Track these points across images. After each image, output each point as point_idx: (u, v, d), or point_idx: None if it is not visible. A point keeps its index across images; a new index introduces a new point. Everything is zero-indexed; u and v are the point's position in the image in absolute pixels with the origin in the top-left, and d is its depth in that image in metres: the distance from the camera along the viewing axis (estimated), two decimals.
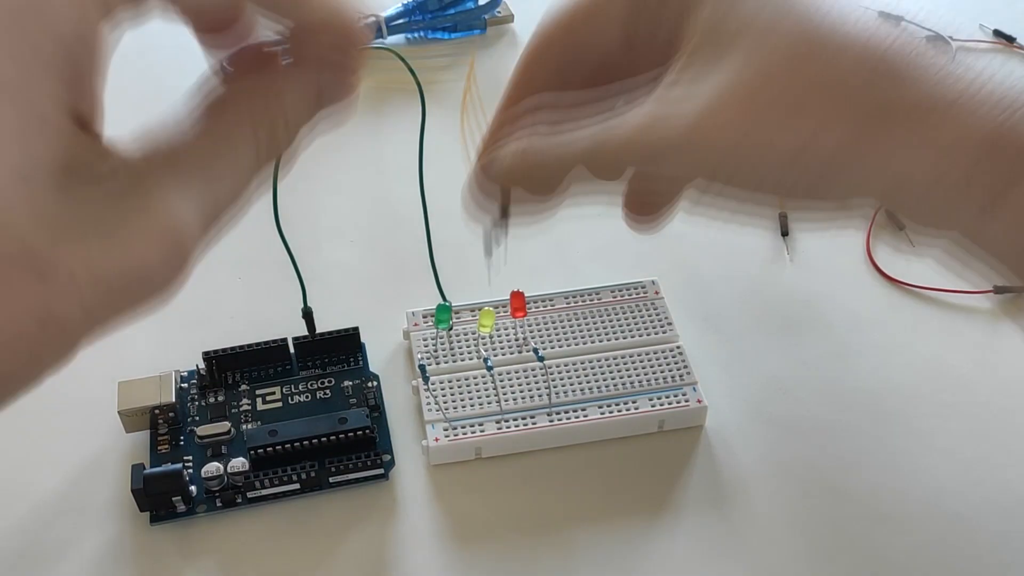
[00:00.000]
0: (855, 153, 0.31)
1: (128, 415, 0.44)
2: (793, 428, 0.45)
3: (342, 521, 0.42)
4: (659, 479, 0.43)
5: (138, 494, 0.41)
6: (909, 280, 0.50)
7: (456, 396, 0.44)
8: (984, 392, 0.46)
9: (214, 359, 0.45)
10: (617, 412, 0.44)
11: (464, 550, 0.41)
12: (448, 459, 0.43)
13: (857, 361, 0.48)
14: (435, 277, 0.45)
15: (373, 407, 0.45)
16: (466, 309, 0.47)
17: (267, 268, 0.52)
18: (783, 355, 0.48)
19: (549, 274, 0.52)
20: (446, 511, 0.42)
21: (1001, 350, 0.48)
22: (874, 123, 0.30)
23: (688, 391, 0.45)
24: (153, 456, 0.43)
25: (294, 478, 0.42)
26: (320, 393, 0.46)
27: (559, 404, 0.44)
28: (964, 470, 0.43)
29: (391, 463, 0.43)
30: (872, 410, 0.46)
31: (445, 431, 0.43)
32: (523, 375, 0.45)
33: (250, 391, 0.46)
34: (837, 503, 0.42)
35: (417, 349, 0.46)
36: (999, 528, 0.41)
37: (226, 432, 0.44)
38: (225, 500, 0.42)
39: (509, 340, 0.47)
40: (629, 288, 0.49)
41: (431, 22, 0.66)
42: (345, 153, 0.59)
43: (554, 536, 0.41)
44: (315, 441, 0.42)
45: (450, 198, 0.50)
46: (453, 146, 0.58)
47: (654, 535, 0.41)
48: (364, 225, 0.54)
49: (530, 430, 0.43)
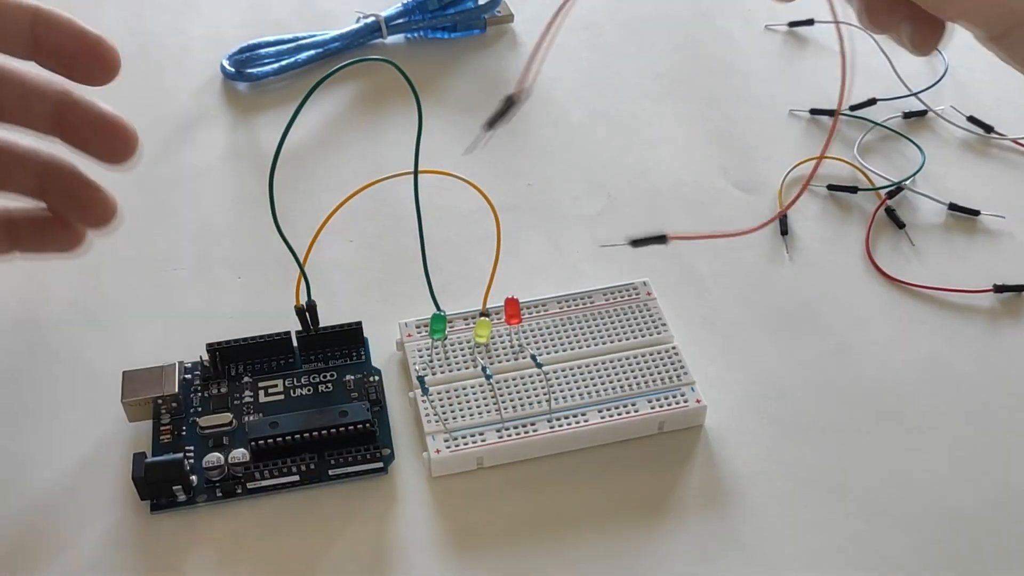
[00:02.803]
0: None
1: (131, 405, 0.44)
2: (793, 427, 0.45)
3: (341, 514, 0.42)
4: (659, 480, 0.43)
5: (139, 482, 0.41)
6: (909, 280, 0.51)
7: (455, 406, 0.44)
8: (984, 392, 0.46)
9: (217, 351, 0.46)
10: (617, 416, 0.44)
11: (463, 546, 0.41)
12: (450, 470, 0.43)
13: (857, 361, 0.48)
14: (429, 289, 0.45)
15: (374, 401, 0.45)
16: (459, 317, 0.47)
17: (267, 268, 0.52)
18: (782, 355, 0.48)
19: (547, 275, 0.52)
20: (445, 512, 0.42)
21: (1001, 350, 0.48)
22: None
23: (687, 391, 0.45)
24: (155, 445, 0.43)
25: (294, 470, 0.42)
26: (322, 386, 0.45)
27: (559, 410, 0.44)
28: (964, 469, 0.43)
29: (391, 457, 0.43)
30: (872, 410, 0.46)
31: (445, 442, 0.43)
32: (521, 382, 0.45)
33: (252, 383, 0.45)
34: (837, 503, 0.42)
35: (413, 360, 0.46)
36: (999, 527, 0.41)
37: (228, 423, 0.44)
38: (225, 490, 0.42)
39: (505, 347, 0.46)
40: (621, 290, 0.49)
41: (431, 22, 0.66)
42: (345, 153, 0.59)
43: (554, 540, 0.41)
44: (315, 434, 0.42)
45: (450, 198, 0.50)
46: (453, 146, 0.59)
47: (655, 536, 0.41)
48: (363, 225, 0.54)
49: (531, 438, 0.43)
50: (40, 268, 0.52)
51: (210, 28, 0.68)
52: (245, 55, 0.63)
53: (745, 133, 0.60)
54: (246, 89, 0.63)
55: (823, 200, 0.55)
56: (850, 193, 0.55)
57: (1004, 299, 0.50)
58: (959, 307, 0.50)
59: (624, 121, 0.61)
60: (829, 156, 0.57)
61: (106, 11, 0.69)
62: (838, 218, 0.54)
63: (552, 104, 0.62)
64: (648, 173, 0.58)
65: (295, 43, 0.64)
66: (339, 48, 0.65)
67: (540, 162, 0.58)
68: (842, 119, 0.59)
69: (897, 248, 0.52)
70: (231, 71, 0.63)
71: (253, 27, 0.67)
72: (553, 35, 0.36)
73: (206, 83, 0.64)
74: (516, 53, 0.66)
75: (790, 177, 0.56)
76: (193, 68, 0.65)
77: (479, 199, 0.45)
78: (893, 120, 0.59)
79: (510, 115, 0.39)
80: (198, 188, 0.57)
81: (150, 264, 0.52)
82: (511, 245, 0.47)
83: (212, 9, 0.70)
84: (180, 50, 0.67)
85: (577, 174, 0.58)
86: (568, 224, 0.55)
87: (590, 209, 0.56)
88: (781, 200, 0.55)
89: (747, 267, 0.52)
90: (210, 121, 0.61)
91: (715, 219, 0.55)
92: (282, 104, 0.62)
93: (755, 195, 0.56)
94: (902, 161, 0.57)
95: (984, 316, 0.49)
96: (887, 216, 0.54)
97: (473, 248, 0.52)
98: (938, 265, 0.52)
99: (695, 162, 0.58)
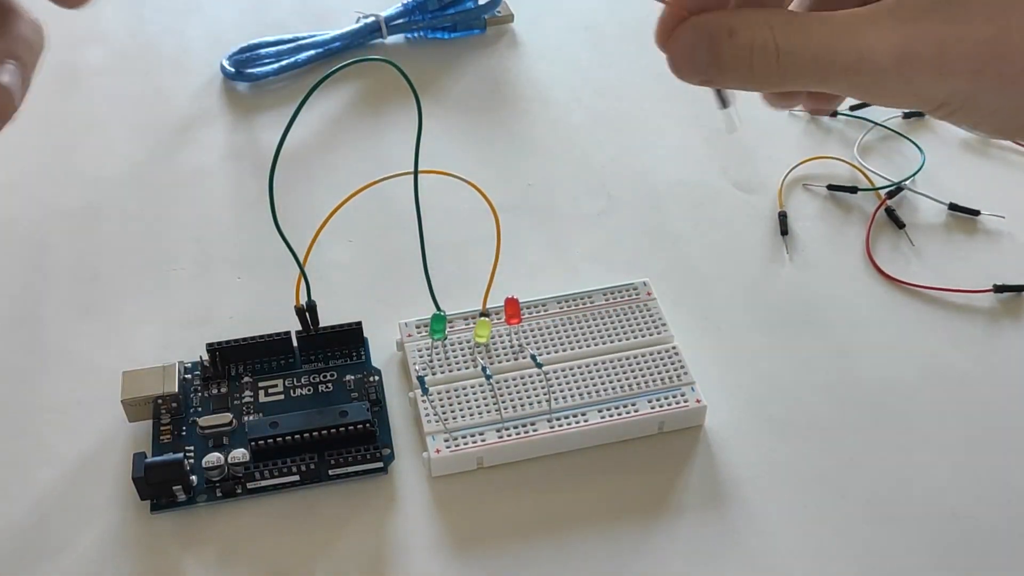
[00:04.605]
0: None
1: (131, 404, 0.44)
2: (793, 427, 0.45)
3: (341, 514, 0.42)
4: (659, 480, 0.43)
5: (139, 482, 0.41)
6: (909, 280, 0.51)
7: (455, 406, 0.44)
8: (984, 392, 0.46)
9: (217, 351, 0.46)
10: (617, 416, 0.44)
11: (463, 546, 0.41)
12: (450, 470, 0.43)
13: (857, 361, 0.48)
14: (429, 289, 0.45)
15: (374, 401, 0.45)
16: (459, 317, 0.47)
17: (267, 268, 0.52)
18: (783, 354, 0.48)
19: (547, 275, 0.52)
20: (445, 512, 0.42)
21: (1001, 350, 0.48)
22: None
23: (687, 391, 0.44)
24: (155, 445, 0.43)
25: (294, 470, 0.42)
26: (322, 386, 0.45)
27: (559, 410, 0.44)
28: (964, 469, 0.43)
29: (391, 457, 0.43)
30: (872, 410, 0.46)
31: (445, 441, 0.43)
32: (521, 382, 0.45)
33: (252, 383, 0.46)
34: (837, 503, 0.42)
35: (413, 360, 0.46)
36: (999, 527, 0.41)
37: (228, 423, 0.44)
38: (225, 490, 0.42)
39: (505, 347, 0.46)
40: (621, 290, 0.49)
41: (431, 22, 0.66)
42: (345, 153, 0.59)
43: (554, 540, 0.41)
44: (315, 434, 0.42)
45: (450, 198, 0.50)
46: (453, 146, 0.59)
47: (655, 536, 0.41)
48: (363, 225, 0.54)
49: (531, 437, 0.43)
50: (41, 268, 0.52)
51: (210, 28, 0.68)
52: (245, 55, 0.63)
53: (745, 133, 0.60)
54: (246, 89, 0.63)
55: (823, 200, 0.55)
56: (850, 193, 0.55)
57: (1004, 299, 0.50)
58: (959, 307, 0.50)
59: (624, 121, 0.61)
60: (829, 156, 0.57)
61: (106, 11, 0.69)
62: (838, 218, 0.54)
63: (552, 104, 0.62)
64: (648, 173, 0.58)
65: (295, 43, 0.64)
66: (339, 48, 0.65)
67: (540, 162, 0.58)
68: (842, 119, 0.59)
69: (897, 248, 0.52)
70: (231, 71, 0.63)
71: (253, 27, 0.67)
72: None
73: (206, 83, 0.64)
74: (516, 53, 0.66)
75: (790, 177, 0.56)
76: (193, 68, 0.65)
77: (479, 199, 0.45)
78: (893, 120, 0.59)
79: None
80: (198, 188, 0.57)
81: (150, 264, 0.52)
82: (511, 245, 0.47)
83: (212, 9, 0.70)
84: (180, 50, 0.67)
85: (577, 174, 0.58)
86: (568, 224, 0.55)
87: (590, 209, 0.56)
88: (781, 200, 0.55)
89: (747, 267, 0.52)
90: (210, 121, 0.61)
91: (715, 219, 0.55)
92: (282, 104, 0.62)
93: (755, 195, 0.56)
94: (902, 161, 0.57)
95: (984, 316, 0.49)
96: (887, 216, 0.54)
97: (473, 248, 0.52)
98: (938, 265, 0.51)
99: (695, 162, 0.58)
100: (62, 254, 0.53)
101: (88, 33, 0.68)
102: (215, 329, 0.48)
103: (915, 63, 0.31)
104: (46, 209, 0.56)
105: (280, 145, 0.40)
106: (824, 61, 0.31)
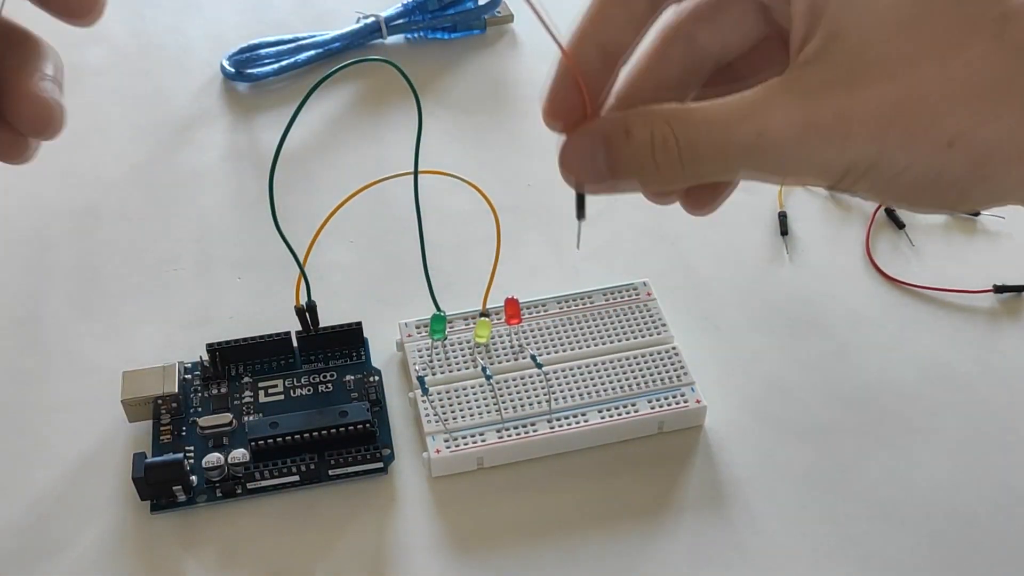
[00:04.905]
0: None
1: (131, 404, 0.44)
2: (793, 428, 0.45)
3: (341, 514, 0.42)
4: (659, 480, 0.43)
5: (139, 482, 0.41)
6: (909, 280, 0.51)
7: (455, 406, 0.44)
8: (984, 392, 0.46)
9: (217, 351, 0.46)
10: (617, 416, 0.44)
11: (463, 546, 0.41)
12: (450, 470, 0.43)
13: (857, 361, 0.48)
14: (429, 289, 0.45)
15: (374, 401, 0.45)
16: (459, 318, 0.47)
17: (267, 268, 0.52)
18: (783, 355, 0.48)
19: (547, 275, 0.52)
20: (445, 512, 0.42)
21: (1001, 350, 0.48)
22: None
23: (686, 391, 0.44)
24: (155, 446, 0.43)
25: (294, 470, 0.42)
26: (322, 387, 0.46)
27: (559, 410, 0.44)
28: (964, 469, 0.43)
29: (391, 457, 0.43)
30: (872, 410, 0.46)
31: (445, 442, 0.43)
32: (521, 382, 0.45)
33: (252, 383, 0.46)
34: (837, 503, 0.42)
35: (413, 360, 0.46)
36: (998, 527, 0.41)
37: (228, 423, 0.44)
38: (225, 491, 0.42)
39: (505, 347, 0.46)
40: (621, 290, 0.49)
41: (431, 22, 0.66)
42: (345, 153, 0.59)
43: (554, 540, 0.41)
44: (315, 434, 0.42)
45: (450, 199, 0.50)
46: (453, 146, 0.59)
47: (655, 537, 0.41)
48: (363, 226, 0.54)
49: (531, 438, 0.43)
50: (41, 268, 0.52)
51: (210, 28, 0.68)
52: (245, 55, 0.63)
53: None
54: (246, 89, 0.63)
55: (823, 200, 0.55)
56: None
57: (1004, 299, 0.50)
58: (959, 307, 0.50)
59: None
60: None
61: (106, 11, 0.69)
62: (838, 218, 0.54)
63: None
64: None
65: (295, 43, 0.64)
66: (339, 48, 0.65)
67: (540, 162, 0.58)
68: None
69: (897, 248, 0.52)
70: (231, 71, 0.63)
71: (253, 27, 0.67)
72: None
73: (206, 83, 0.64)
74: (516, 53, 0.66)
75: None
76: (193, 68, 0.65)
77: (479, 199, 0.45)
78: None
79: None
80: (198, 188, 0.57)
81: (150, 264, 0.52)
82: (511, 245, 0.47)
83: (212, 9, 0.70)
84: (180, 50, 0.67)
85: None
86: (568, 224, 0.54)
87: (590, 209, 0.55)
88: (781, 200, 0.55)
89: (747, 267, 0.52)
90: (210, 121, 0.61)
91: (715, 219, 0.54)
92: (282, 104, 0.62)
93: (755, 195, 0.55)
94: None
95: (984, 316, 0.49)
96: (887, 216, 0.54)
97: (473, 248, 0.52)
98: (938, 265, 0.51)
99: None
100: (62, 254, 0.53)
101: (88, 33, 0.67)
102: (215, 329, 0.48)
103: (819, 132, 0.29)
104: (46, 209, 0.56)
105: (280, 145, 0.40)
106: (724, 144, 0.30)
